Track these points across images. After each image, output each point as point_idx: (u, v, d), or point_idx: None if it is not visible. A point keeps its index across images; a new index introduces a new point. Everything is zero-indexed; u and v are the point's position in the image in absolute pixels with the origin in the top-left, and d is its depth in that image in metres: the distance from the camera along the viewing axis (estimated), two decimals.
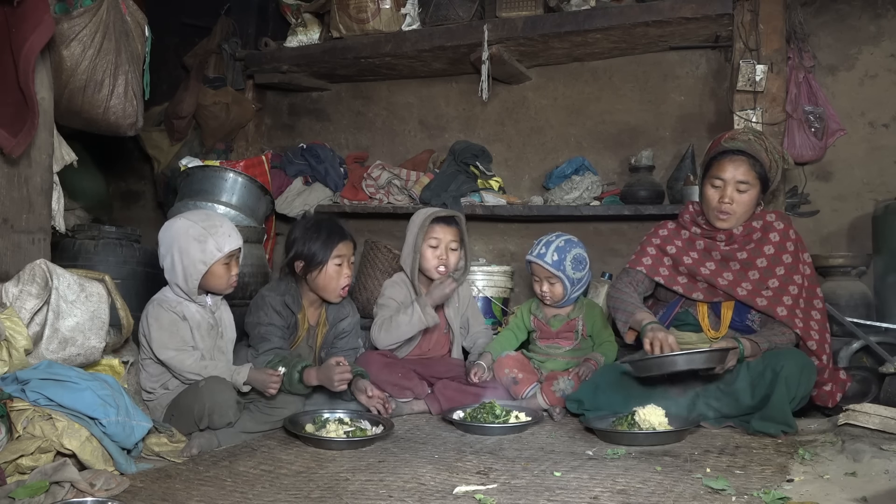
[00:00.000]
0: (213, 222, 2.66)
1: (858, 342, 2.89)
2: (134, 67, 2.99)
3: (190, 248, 2.59)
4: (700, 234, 2.85)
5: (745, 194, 2.71)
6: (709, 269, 2.77)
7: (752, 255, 2.75)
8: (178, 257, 2.60)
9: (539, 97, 4.11)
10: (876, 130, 3.51)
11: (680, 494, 1.87)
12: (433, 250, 3.07)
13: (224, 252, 2.62)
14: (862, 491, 1.86)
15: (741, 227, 2.77)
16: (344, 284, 2.91)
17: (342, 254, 2.89)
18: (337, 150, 4.42)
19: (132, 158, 4.92)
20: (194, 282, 2.61)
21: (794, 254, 2.74)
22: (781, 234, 2.75)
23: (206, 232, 2.61)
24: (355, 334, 3.09)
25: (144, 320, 2.63)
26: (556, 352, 3.07)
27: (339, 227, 2.97)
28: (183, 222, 2.65)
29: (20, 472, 1.92)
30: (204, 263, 2.59)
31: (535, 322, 3.13)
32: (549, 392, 2.86)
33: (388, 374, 2.92)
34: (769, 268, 2.71)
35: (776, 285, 2.69)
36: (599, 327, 3.07)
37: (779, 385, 2.44)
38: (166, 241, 2.65)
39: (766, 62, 3.33)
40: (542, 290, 3.05)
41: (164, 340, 2.56)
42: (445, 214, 3.12)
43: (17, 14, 2.40)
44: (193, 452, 2.32)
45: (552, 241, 3.03)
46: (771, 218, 2.79)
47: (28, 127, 2.44)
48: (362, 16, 3.94)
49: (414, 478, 2.05)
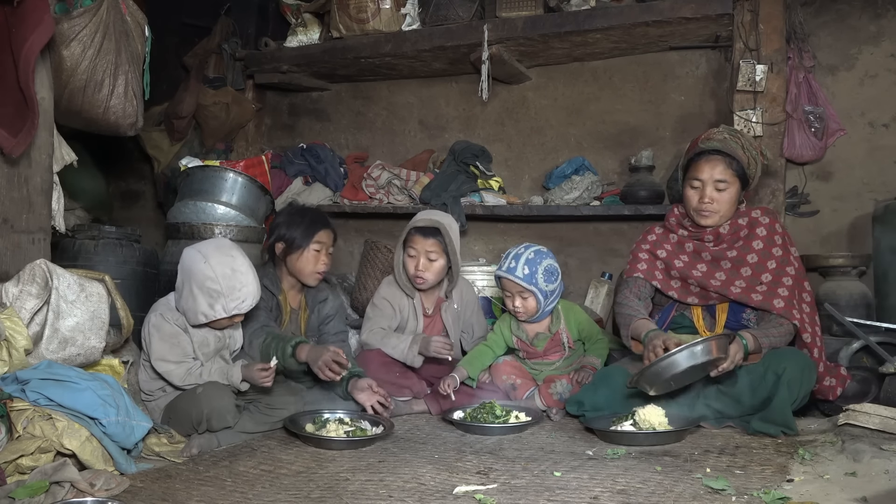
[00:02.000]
0: (235, 284, 2.49)
1: (858, 342, 2.89)
2: (134, 67, 2.99)
3: (199, 297, 2.49)
4: (688, 235, 2.84)
5: (725, 192, 2.72)
6: (700, 272, 2.77)
7: (741, 252, 2.75)
8: (188, 295, 2.52)
9: (539, 97, 4.11)
10: (876, 130, 3.51)
11: (680, 494, 1.87)
12: (411, 259, 3.06)
13: (228, 314, 2.53)
14: (862, 491, 1.86)
15: (728, 225, 2.77)
16: (321, 269, 2.97)
17: (322, 241, 2.96)
18: (337, 150, 4.42)
19: (132, 158, 4.92)
20: (191, 322, 2.56)
21: (783, 246, 2.75)
22: (768, 229, 2.77)
23: (221, 293, 2.48)
24: (340, 318, 3.13)
25: (147, 327, 2.59)
26: (548, 368, 2.98)
27: (323, 216, 3.06)
28: (206, 270, 2.49)
29: (20, 472, 1.92)
30: (206, 317, 2.51)
31: (519, 343, 2.99)
32: (546, 395, 2.85)
33: (385, 373, 2.92)
34: (760, 262, 2.72)
35: (769, 279, 2.69)
36: (585, 328, 2.99)
37: (781, 388, 2.44)
38: (186, 272, 2.54)
39: (766, 62, 3.33)
40: (515, 305, 2.89)
41: (164, 352, 2.53)
42: (425, 225, 3.04)
43: (17, 14, 2.40)
44: (193, 452, 2.32)
45: (521, 254, 2.87)
46: (756, 214, 2.80)
47: (28, 127, 2.44)
48: (362, 16, 3.94)
49: (414, 478, 2.06)
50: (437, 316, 3.16)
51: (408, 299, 3.11)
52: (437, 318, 3.15)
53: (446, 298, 3.17)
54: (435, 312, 3.16)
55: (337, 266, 4.51)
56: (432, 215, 3.12)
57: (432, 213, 3.16)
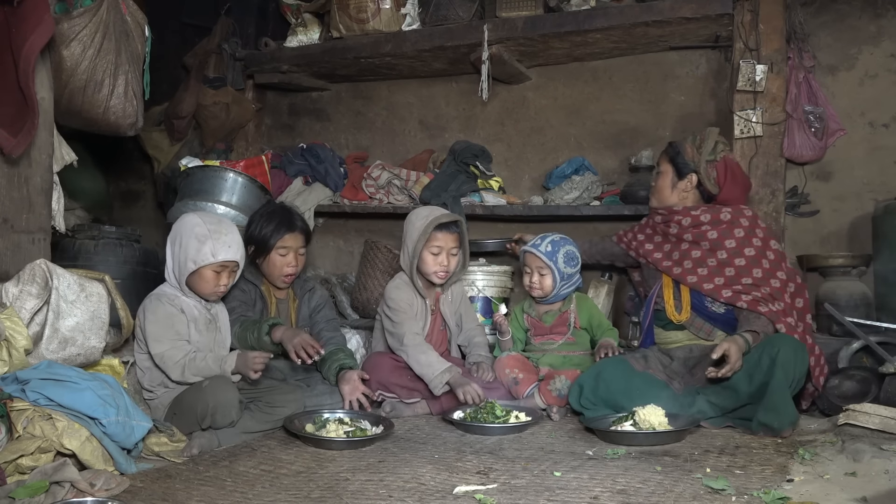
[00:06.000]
0: (220, 228, 2.68)
1: (858, 342, 2.89)
2: (134, 67, 2.99)
3: (189, 244, 2.63)
4: (660, 220, 3.11)
5: (659, 180, 3.12)
6: (663, 251, 3.06)
7: (700, 244, 2.97)
8: (178, 249, 2.65)
9: (539, 97, 4.11)
10: (876, 130, 3.51)
11: (680, 494, 1.87)
12: (434, 257, 3.05)
13: (217, 259, 2.63)
14: (862, 491, 1.86)
15: (689, 217, 3.02)
16: (287, 273, 2.98)
17: (288, 245, 2.98)
18: (337, 150, 4.42)
19: (132, 158, 4.92)
20: (182, 277, 2.65)
21: (759, 248, 2.91)
22: (735, 226, 2.96)
23: (209, 235, 2.63)
24: (330, 306, 3.20)
25: (141, 314, 2.65)
26: (551, 347, 3.10)
27: (291, 218, 3.04)
28: (193, 218, 2.70)
29: (20, 472, 1.92)
30: (194, 263, 2.62)
31: (529, 320, 3.17)
32: (545, 392, 2.87)
33: (397, 377, 2.93)
34: (728, 257, 2.91)
35: (732, 273, 2.87)
36: (596, 317, 3.15)
37: (776, 371, 2.48)
38: (176, 230, 2.70)
39: (766, 62, 3.33)
40: (532, 280, 3.10)
41: (159, 333, 2.57)
42: (448, 220, 3.08)
43: (17, 14, 2.40)
44: (194, 452, 2.32)
45: (548, 236, 3.15)
46: (725, 215, 2.98)
47: (28, 127, 2.44)
48: (362, 16, 3.94)
49: (414, 478, 2.06)
50: (437, 314, 3.17)
51: (420, 300, 3.12)
52: (438, 312, 3.17)
53: (442, 292, 3.19)
54: (436, 307, 3.17)
55: (337, 266, 4.52)
56: (438, 211, 3.14)
57: (434, 209, 3.18)
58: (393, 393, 2.93)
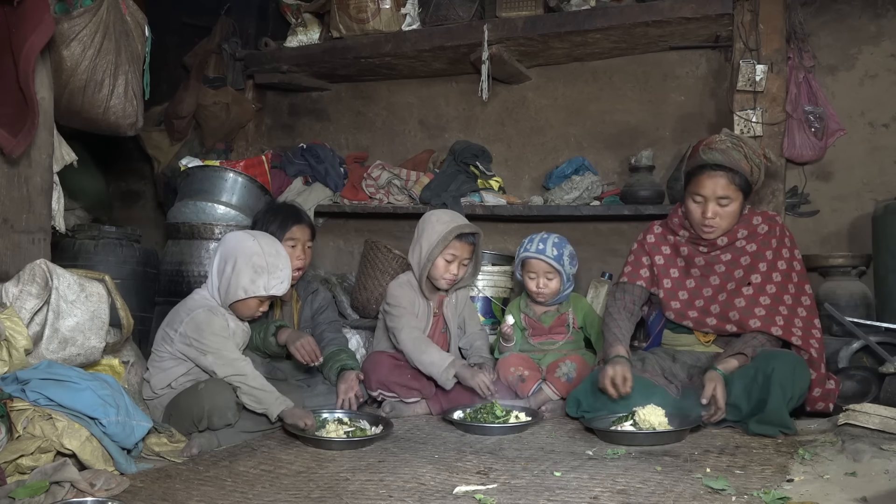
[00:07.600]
0: (277, 263, 2.66)
1: (858, 342, 2.89)
2: (134, 67, 2.99)
3: (243, 271, 2.61)
4: (687, 238, 2.83)
5: (728, 207, 2.68)
6: (688, 288, 2.78)
7: (729, 267, 2.73)
8: (230, 271, 2.62)
9: (539, 97, 4.11)
10: (876, 130, 3.51)
11: (680, 494, 1.87)
12: (447, 264, 3.04)
13: (268, 293, 2.65)
14: (862, 491, 1.86)
15: (726, 237, 2.75)
16: (296, 265, 2.99)
17: (296, 237, 3.02)
18: (337, 150, 4.42)
19: (132, 158, 4.92)
20: (227, 300, 2.65)
21: (788, 260, 2.73)
22: (760, 244, 2.74)
23: (266, 268, 2.62)
24: (332, 308, 3.23)
25: (191, 324, 2.59)
26: (552, 347, 3.11)
27: (297, 212, 3.11)
28: (252, 245, 2.65)
29: (20, 472, 1.92)
30: (245, 292, 2.62)
31: (527, 320, 3.15)
32: (554, 380, 2.89)
33: (397, 375, 2.94)
34: (762, 284, 2.70)
35: (768, 303, 2.67)
36: (589, 316, 3.15)
37: (773, 388, 2.43)
38: (231, 250, 2.66)
39: (766, 62, 3.33)
40: (539, 286, 3.06)
41: (220, 346, 2.55)
42: (469, 230, 3.07)
43: (17, 14, 2.40)
44: (193, 452, 2.32)
45: (547, 238, 3.08)
46: (757, 221, 2.78)
47: (28, 127, 2.44)
48: (362, 16, 3.94)
49: (414, 478, 2.06)
50: (440, 316, 3.18)
51: (424, 301, 3.12)
52: (440, 315, 3.18)
53: (447, 296, 3.19)
54: (438, 310, 3.18)
55: (337, 266, 4.51)
56: (460, 218, 3.12)
57: (456, 216, 3.15)
58: (393, 392, 2.94)
